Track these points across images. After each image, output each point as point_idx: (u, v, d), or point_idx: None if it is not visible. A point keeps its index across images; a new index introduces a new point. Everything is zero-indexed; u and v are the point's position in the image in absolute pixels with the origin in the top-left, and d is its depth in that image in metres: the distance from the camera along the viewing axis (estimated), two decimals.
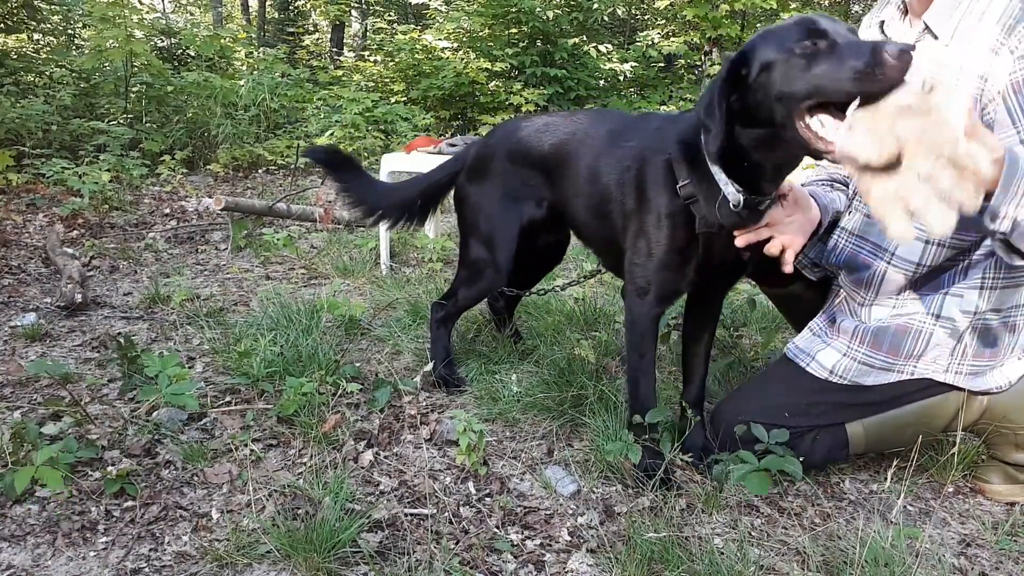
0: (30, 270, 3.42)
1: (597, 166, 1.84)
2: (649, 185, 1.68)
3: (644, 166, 1.70)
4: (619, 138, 1.81)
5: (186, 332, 2.62)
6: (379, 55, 10.77)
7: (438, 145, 3.49)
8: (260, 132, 7.20)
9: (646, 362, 1.76)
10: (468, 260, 2.18)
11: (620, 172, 1.77)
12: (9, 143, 5.45)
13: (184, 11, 15.76)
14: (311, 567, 1.39)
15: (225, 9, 15.53)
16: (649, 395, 1.76)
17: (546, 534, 1.56)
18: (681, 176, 1.61)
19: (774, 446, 1.67)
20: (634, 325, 1.76)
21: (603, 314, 2.76)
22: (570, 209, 1.97)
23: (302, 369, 2.14)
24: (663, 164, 1.65)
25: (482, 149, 2.17)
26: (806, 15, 1.43)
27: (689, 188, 1.59)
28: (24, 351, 2.46)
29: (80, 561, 1.43)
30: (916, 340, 1.68)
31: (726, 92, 1.45)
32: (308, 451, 1.82)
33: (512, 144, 2.08)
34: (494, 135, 2.19)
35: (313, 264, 3.68)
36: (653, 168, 1.67)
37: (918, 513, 1.72)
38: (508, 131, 2.13)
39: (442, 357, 2.24)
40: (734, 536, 1.56)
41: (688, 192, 1.60)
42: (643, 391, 1.77)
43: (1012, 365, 1.70)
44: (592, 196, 1.86)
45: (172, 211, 4.82)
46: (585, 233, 2.02)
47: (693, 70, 10.20)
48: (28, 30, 8.98)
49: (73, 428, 1.87)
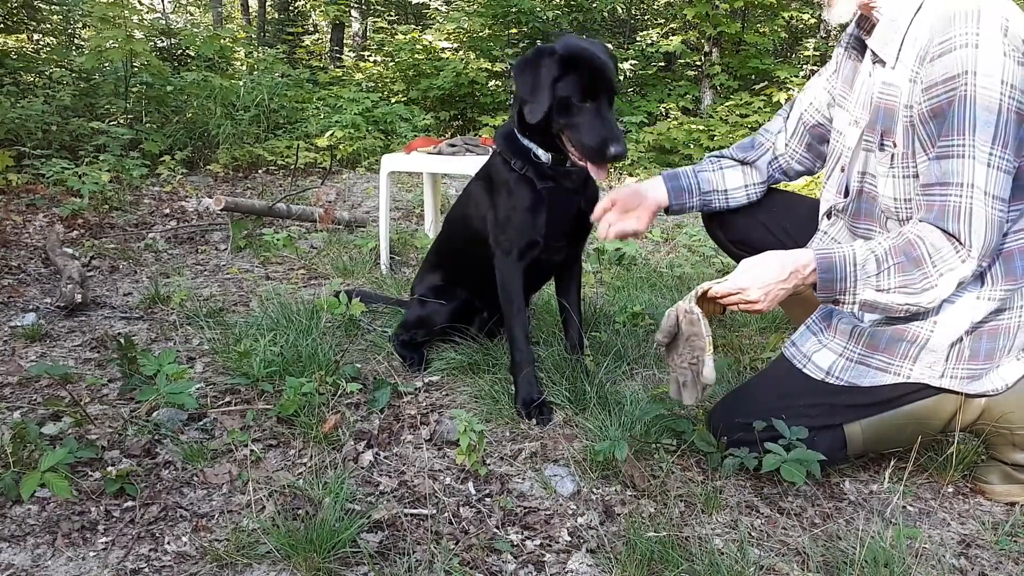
0: (30, 270, 3.42)
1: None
2: (496, 177, 2.13)
3: (488, 170, 2.19)
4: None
5: (186, 332, 2.62)
6: (379, 55, 10.77)
7: (438, 145, 3.49)
8: (260, 132, 7.19)
9: (516, 309, 2.09)
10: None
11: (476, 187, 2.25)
12: (9, 143, 5.45)
13: (184, 11, 15.76)
14: (311, 567, 1.40)
15: (225, 9, 15.53)
16: (523, 339, 2.09)
17: (546, 534, 1.56)
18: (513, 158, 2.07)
19: (796, 442, 1.67)
20: (505, 282, 2.10)
21: (603, 314, 2.76)
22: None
23: (302, 369, 2.14)
24: (499, 159, 2.12)
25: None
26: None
27: (519, 162, 2.06)
28: (24, 351, 2.46)
29: (80, 561, 1.44)
30: (912, 344, 1.68)
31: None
32: (308, 451, 1.82)
33: None
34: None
35: (313, 264, 3.68)
36: (494, 167, 2.15)
37: (918, 513, 1.72)
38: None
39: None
40: (734, 536, 1.56)
41: (520, 164, 2.05)
42: (518, 336, 2.08)
43: (1009, 367, 1.70)
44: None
45: (172, 211, 4.82)
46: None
47: (692, 69, 10.19)
48: (28, 30, 8.98)
49: (73, 428, 1.88)
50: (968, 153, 1.52)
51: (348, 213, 4.69)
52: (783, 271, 1.63)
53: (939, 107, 1.55)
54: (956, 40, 1.51)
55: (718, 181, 2.07)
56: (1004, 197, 1.55)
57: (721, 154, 2.12)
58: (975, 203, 1.52)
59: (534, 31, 9.69)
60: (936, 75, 1.54)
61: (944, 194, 1.55)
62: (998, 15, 1.51)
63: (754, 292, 1.63)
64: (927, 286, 1.58)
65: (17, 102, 5.77)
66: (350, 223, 4.53)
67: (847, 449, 1.76)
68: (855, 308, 1.66)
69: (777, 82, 8.95)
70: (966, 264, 1.55)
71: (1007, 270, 1.65)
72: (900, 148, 1.65)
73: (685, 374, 1.72)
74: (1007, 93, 1.50)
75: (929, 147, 1.59)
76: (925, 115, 1.58)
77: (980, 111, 1.50)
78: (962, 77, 1.51)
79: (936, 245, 1.56)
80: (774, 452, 1.66)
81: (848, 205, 1.83)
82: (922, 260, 1.57)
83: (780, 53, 11.47)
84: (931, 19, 1.58)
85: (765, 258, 1.66)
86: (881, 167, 1.71)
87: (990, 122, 1.50)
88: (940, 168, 1.56)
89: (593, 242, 3.21)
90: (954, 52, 1.51)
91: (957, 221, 1.54)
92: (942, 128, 1.55)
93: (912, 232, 1.59)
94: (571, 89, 1.87)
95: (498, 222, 2.09)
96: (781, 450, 1.66)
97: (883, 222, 1.76)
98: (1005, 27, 1.51)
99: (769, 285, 1.63)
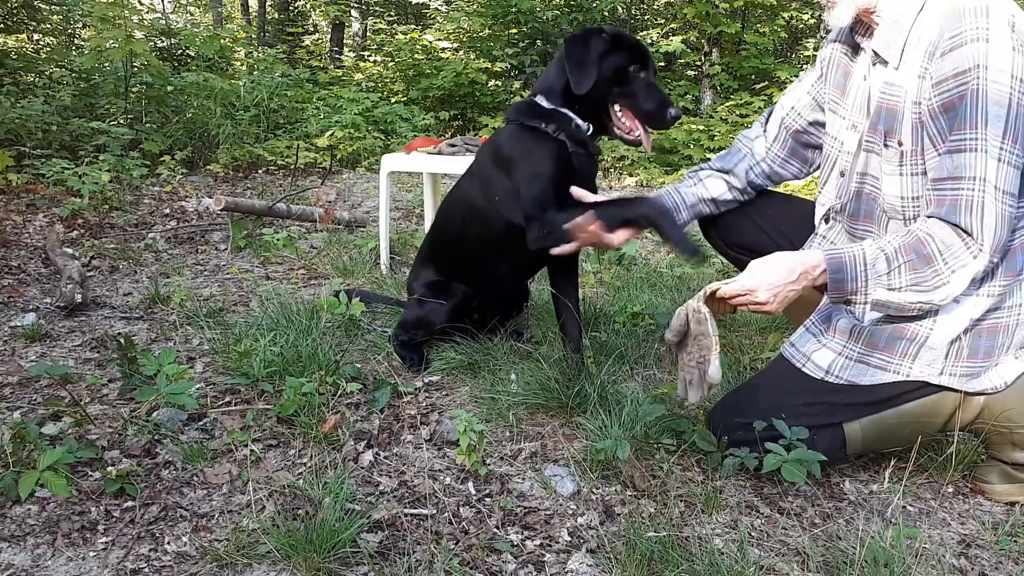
0: (30, 270, 3.42)
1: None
2: (515, 147, 2.13)
3: (497, 146, 2.19)
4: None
5: (186, 332, 2.62)
6: (379, 55, 10.77)
7: (438, 145, 3.48)
8: (260, 132, 7.19)
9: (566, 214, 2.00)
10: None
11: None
12: (9, 143, 5.44)
13: (184, 11, 15.76)
14: (311, 567, 1.40)
15: (225, 9, 15.53)
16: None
17: (546, 534, 1.56)
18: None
19: (797, 442, 1.67)
20: (544, 238, 2.01)
21: (603, 314, 2.76)
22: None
23: (302, 369, 2.14)
24: (515, 130, 2.14)
25: None
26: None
27: (554, 126, 2.07)
28: (24, 351, 2.46)
29: (80, 561, 1.44)
30: (912, 342, 1.68)
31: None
32: (308, 451, 1.82)
33: None
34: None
35: (313, 264, 3.68)
36: (508, 139, 2.16)
37: (918, 513, 1.72)
38: None
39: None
40: (734, 536, 1.56)
41: (554, 128, 2.07)
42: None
43: (1008, 365, 1.70)
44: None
45: (172, 211, 4.82)
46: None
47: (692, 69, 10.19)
48: (28, 30, 8.98)
49: (73, 428, 1.88)
50: (980, 147, 1.52)
51: (348, 213, 4.69)
52: (792, 272, 1.63)
53: (950, 102, 1.55)
54: (967, 35, 1.52)
55: (702, 192, 2.08)
56: (1014, 192, 1.56)
57: (700, 168, 2.15)
58: (987, 197, 1.53)
59: (534, 31, 9.69)
60: (947, 70, 1.54)
61: (956, 188, 1.55)
62: (1005, 11, 1.53)
63: (763, 293, 1.63)
64: (939, 283, 1.58)
65: (17, 102, 5.76)
66: (350, 223, 4.53)
67: (847, 448, 1.76)
68: (867, 308, 1.65)
69: (777, 82, 8.94)
70: (978, 260, 1.55)
71: (1007, 266, 1.65)
72: (908, 146, 1.65)
73: (692, 373, 1.73)
74: (1017, 88, 1.50)
75: (939, 142, 1.59)
76: (936, 110, 1.58)
77: (991, 105, 1.50)
78: (973, 71, 1.51)
79: (946, 242, 1.56)
80: (775, 452, 1.66)
81: (847, 205, 1.83)
82: (933, 257, 1.57)
83: (780, 53, 11.47)
84: (937, 16, 1.58)
85: (774, 259, 1.66)
86: (888, 166, 1.70)
87: (1001, 116, 1.51)
88: (952, 162, 1.56)
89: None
90: (965, 47, 1.52)
91: (969, 215, 1.54)
92: (953, 123, 1.55)
93: (921, 230, 1.59)
94: (625, 60, 1.98)
95: (527, 181, 2.05)
96: (782, 450, 1.66)
97: (883, 223, 1.76)
98: (1012, 22, 1.52)
99: (778, 286, 1.63)
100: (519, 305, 2.65)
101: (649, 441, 1.85)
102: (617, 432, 1.79)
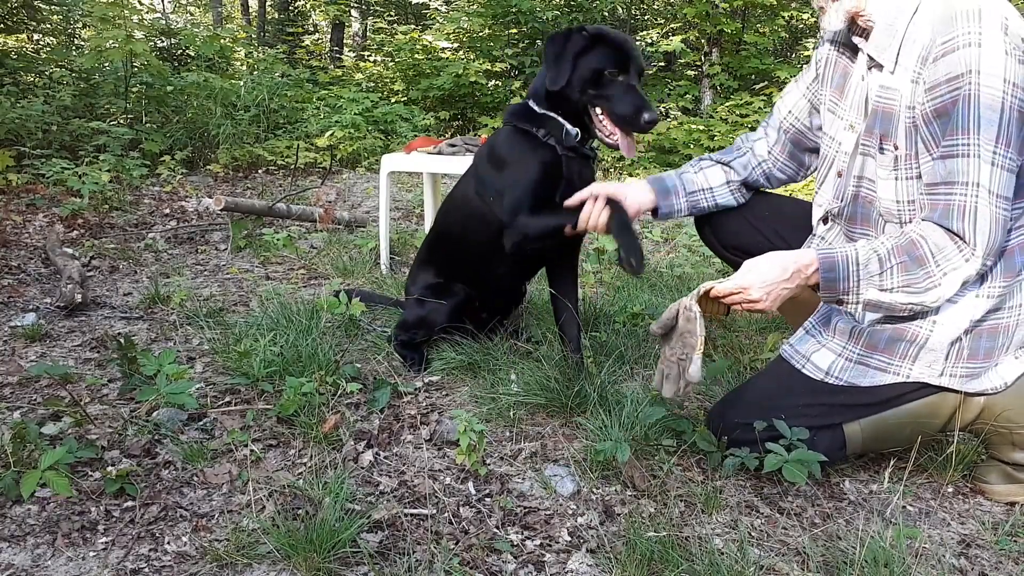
0: (30, 270, 3.42)
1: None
2: (508, 148, 2.15)
3: (493, 147, 2.20)
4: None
5: (186, 332, 2.62)
6: (379, 55, 10.77)
7: (438, 145, 3.49)
8: (260, 132, 7.19)
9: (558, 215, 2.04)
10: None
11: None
12: (9, 143, 5.45)
13: (184, 11, 15.76)
14: (311, 567, 1.40)
15: (225, 9, 15.52)
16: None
17: (546, 534, 1.56)
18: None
19: (797, 442, 1.67)
20: (521, 239, 2.06)
21: (602, 314, 2.76)
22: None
23: (302, 369, 2.14)
24: (510, 132, 2.16)
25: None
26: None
27: (544, 130, 2.09)
28: (24, 351, 2.46)
29: (80, 561, 1.44)
30: (911, 343, 1.68)
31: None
32: (308, 451, 1.82)
33: None
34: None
35: (313, 264, 3.68)
36: (503, 141, 2.17)
37: (918, 513, 1.72)
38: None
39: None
40: (734, 536, 1.56)
41: (544, 132, 2.08)
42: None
43: (1008, 365, 1.70)
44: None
45: (172, 211, 4.82)
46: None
47: (692, 69, 10.19)
48: (28, 30, 8.97)
49: (73, 428, 1.88)
50: (973, 152, 1.52)
51: (348, 213, 4.69)
52: (785, 271, 1.63)
53: (943, 107, 1.55)
54: (959, 39, 1.52)
55: (701, 181, 2.08)
56: (1008, 196, 1.56)
57: (701, 158, 2.15)
58: (980, 202, 1.53)
59: (534, 31, 9.68)
60: (940, 75, 1.54)
61: (949, 193, 1.56)
62: (998, 14, 1.52)
63: (756, 291, 1.64)
64: (930, 285, 1.58)
65: (17, 102, 5.76)
66: (350, 223, 4.53)
67: (847, 449, 1.76)
68: (858, 308, 1.66)
69: (777, 82, 8.95)
70: (970, 263, 1.56)
71: (1007, 266, 1.65)
72: (903, 150, 1.65)
73: (672, 368, 1.75)
74: (1010, 92, 1.50)
75: (933, 147, 1.60)
76: (929, 115, 1.58)
77: (984, 110, 1.50)
78: (966, 76, 1.51)
79: (939, 244, 1.56)
80: (775, 452, 1.66)
81: (844, 209, 1.83)
82: (925, 259, 1.57)
83: (780, 53, 11.47)
84: (930, 20, 1.58)
85: (767, 258, 1.67)
86: (883, 170, 1.71)
87: (994, 121, 1.51)
88: (945, 167, 1.56)
89: (593, 242, 3.21)
90: (957, 52, 1.52)
91: (962, 220, 1.54)
92: (947, 127, 1.56)
93: (915, 232, 1.59)
94: (602, 62, 1.95)
95: (510, 185, 2.07)
96: (782, 450, 1.66)
97: (880, 226, 1.76)
98: (1005, 26, 1.51)
99: (771, 285, 1.63)
100: (518, 304, 2.65)
101: (649, 441, 1.85)
102: (617, 432, 1.79)
